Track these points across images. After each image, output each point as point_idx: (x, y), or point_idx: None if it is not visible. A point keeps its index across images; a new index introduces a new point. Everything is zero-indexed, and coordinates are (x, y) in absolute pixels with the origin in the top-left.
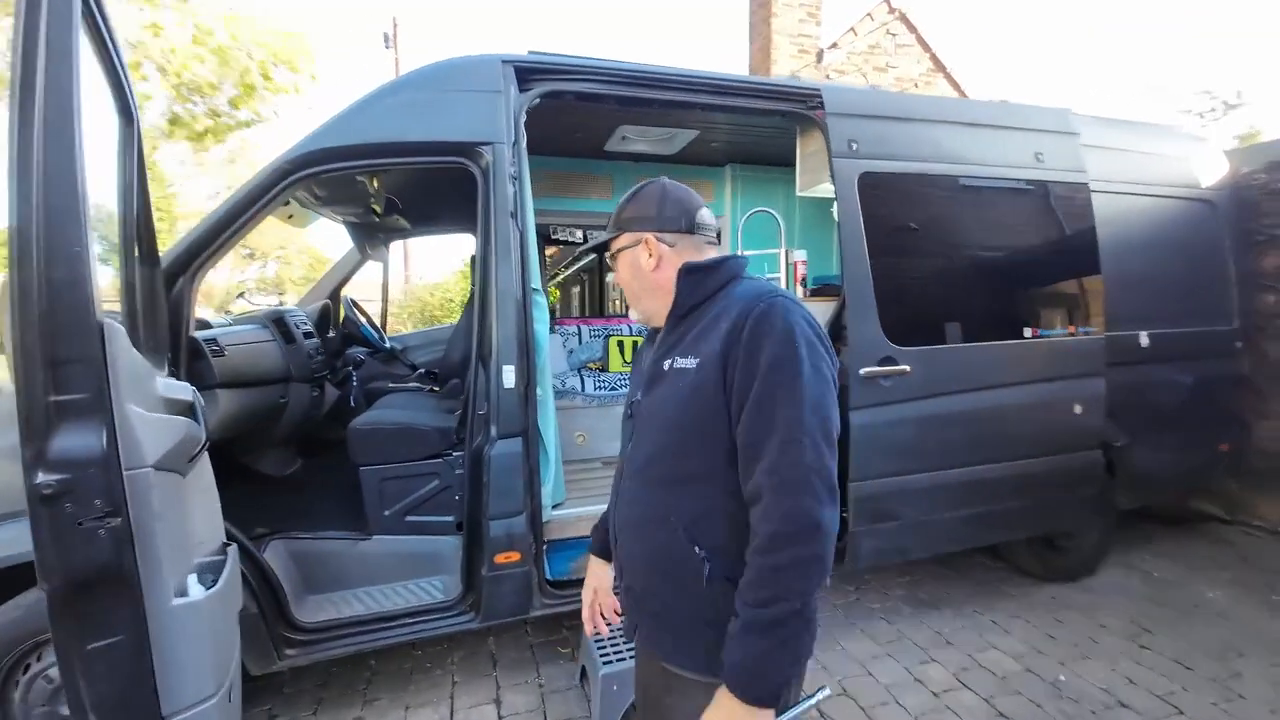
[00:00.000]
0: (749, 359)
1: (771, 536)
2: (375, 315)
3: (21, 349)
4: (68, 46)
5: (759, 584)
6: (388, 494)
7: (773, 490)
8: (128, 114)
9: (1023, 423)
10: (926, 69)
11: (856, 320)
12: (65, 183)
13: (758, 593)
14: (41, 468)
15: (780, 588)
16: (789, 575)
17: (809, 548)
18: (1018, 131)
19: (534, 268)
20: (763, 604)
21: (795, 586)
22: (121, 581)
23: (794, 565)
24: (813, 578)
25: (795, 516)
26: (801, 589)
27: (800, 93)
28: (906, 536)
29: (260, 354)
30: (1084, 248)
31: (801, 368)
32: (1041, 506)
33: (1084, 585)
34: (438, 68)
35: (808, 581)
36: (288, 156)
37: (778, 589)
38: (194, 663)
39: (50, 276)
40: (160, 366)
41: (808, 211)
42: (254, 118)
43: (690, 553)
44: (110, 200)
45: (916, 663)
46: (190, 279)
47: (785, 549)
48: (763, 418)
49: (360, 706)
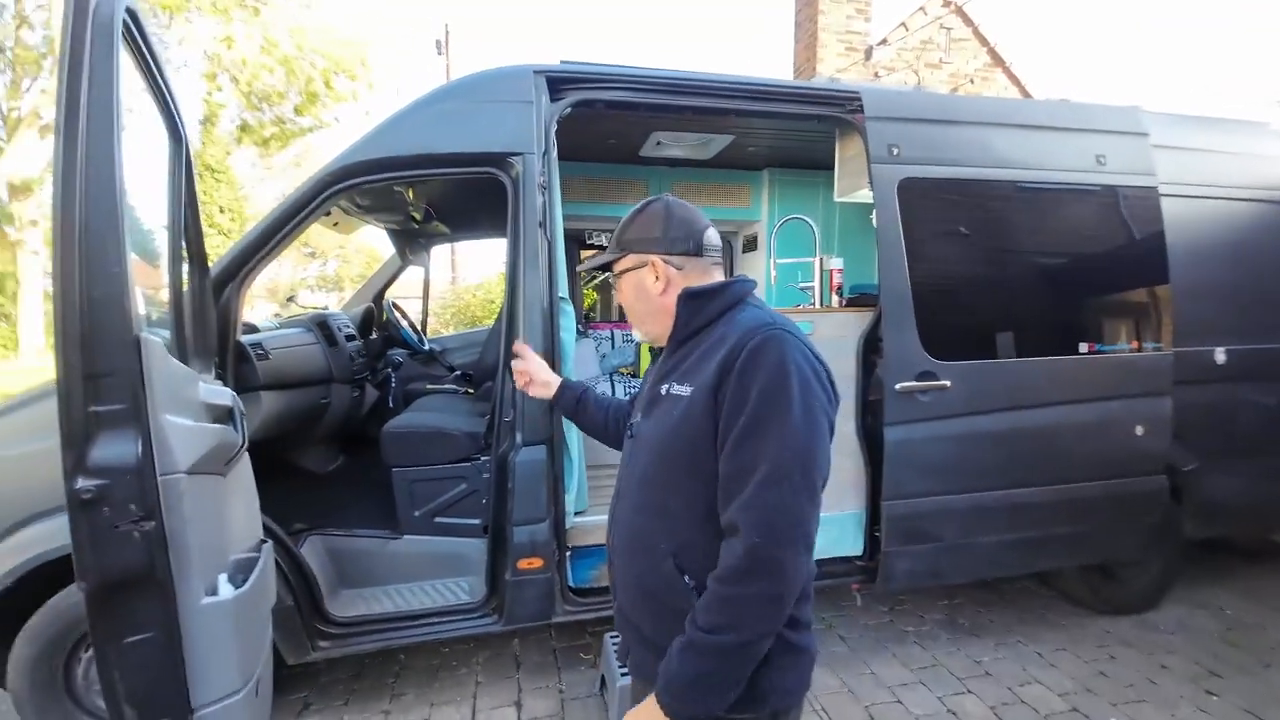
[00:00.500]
0: (739, 391)
1: (731, 569)
2: (416, 317)
3: (63, 362)
4: (109, 82)
5: (709, 609)
6: (418, 495)
7: (743, 527)
8: (176, 134)
9: (1076, 444)
10: (984, 64)
11: (893, 332)
12: (105, 206)
13: (707, 617)
14: (81, 474)
15: (728, 618)
16: (740, 608)
17: (765, 587)
18: (1077, 133)
19: (561, 277)
20: (709, 629)
21: (745, 621)
22: (154, 581)
23: (746, 601)
24: (766, 618)
25: (758, 556)
26: (751, 625)
27: (839, 96)
28: (944, 559)
29: (304, 357)
30: (1150, 256)
31: (791, 407)
32: (1096, 533)
33: (1143, 620)
34: (470, 79)
35: (759, 621)
36: (328, 169)
37: (726, 618)
38: (222, 658)
39: (91, 294)
40: (207, 371)
41: (848, 217)
42: (316, 124)
43: (679, 581)
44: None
45: (951, 693)
46: (238, 286)
47: (741, 583)
48: (744, 453)
49: (388, 700)
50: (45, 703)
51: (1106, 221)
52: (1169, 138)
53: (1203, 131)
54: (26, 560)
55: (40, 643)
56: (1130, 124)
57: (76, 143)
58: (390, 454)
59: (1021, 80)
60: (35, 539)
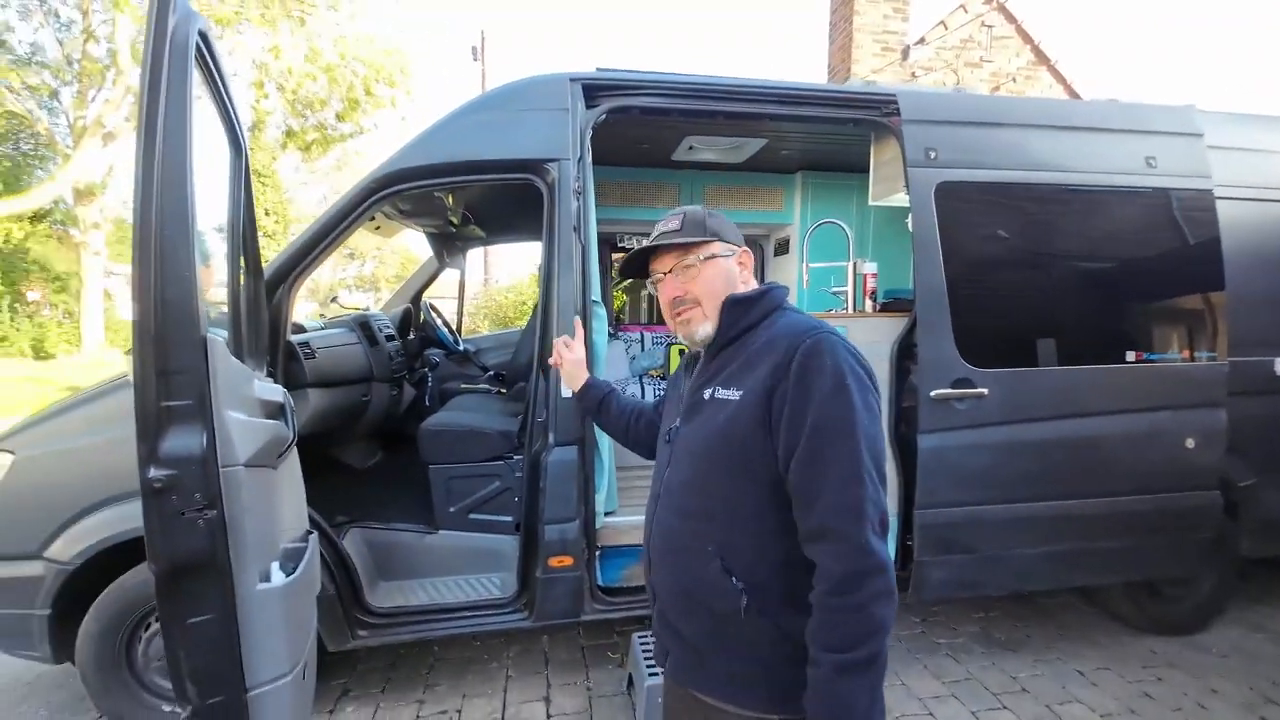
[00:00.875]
0: (799, 395)
1: (846, 576)
2: (451, 317)
3: (140, 359)
4: (184, 99)
5: (840, 625)
6: (453, 492)
7: (840, 528)
8: (237, 145)
9: (1122, 456)
10: (1027, 62)
11: (929, 338)
12: (178, 214)
13: (842, 634)
14: (153, 464)
15: (866, 625)
16: (871, 611)
17: (879, 583)
18: (1126, 134)
19: (594, 280)
20: (848, 646)
21: (878, 623)
22: (214, 566)
23: (875, 600)
24: (889, 611)
25: (866, 553)
26: (882, 624)
27: (875, 99)
28: (980, 570)
29: (347, 356)
30: (1203, 262)
31: (855, 406)
32: (1143, 549)
33: (1193, 641)
34: (509, 88)
35: (886, 617)
36: (373, 176)
37: (864, 627)
38: (273, 642)
39: (164, 297)
40: (260, 368)
41: (881, 221)
42: (356, 130)
43: (728, 584)
44: (222, 221)
45: (986, 708)
46: (289, 288)
47: (864, 586)
48: (819, 455)
49: (422, 690)
50: (108, 677)
51: (1157, 225)
52: (1226, 138)
53: (1262, 131)
54: (96, 543)
55: (106, 620)
56: (1184, 124)
57: (154, 154)
58: (428, 451)
59: (1068, 79)
60: (104, 523)
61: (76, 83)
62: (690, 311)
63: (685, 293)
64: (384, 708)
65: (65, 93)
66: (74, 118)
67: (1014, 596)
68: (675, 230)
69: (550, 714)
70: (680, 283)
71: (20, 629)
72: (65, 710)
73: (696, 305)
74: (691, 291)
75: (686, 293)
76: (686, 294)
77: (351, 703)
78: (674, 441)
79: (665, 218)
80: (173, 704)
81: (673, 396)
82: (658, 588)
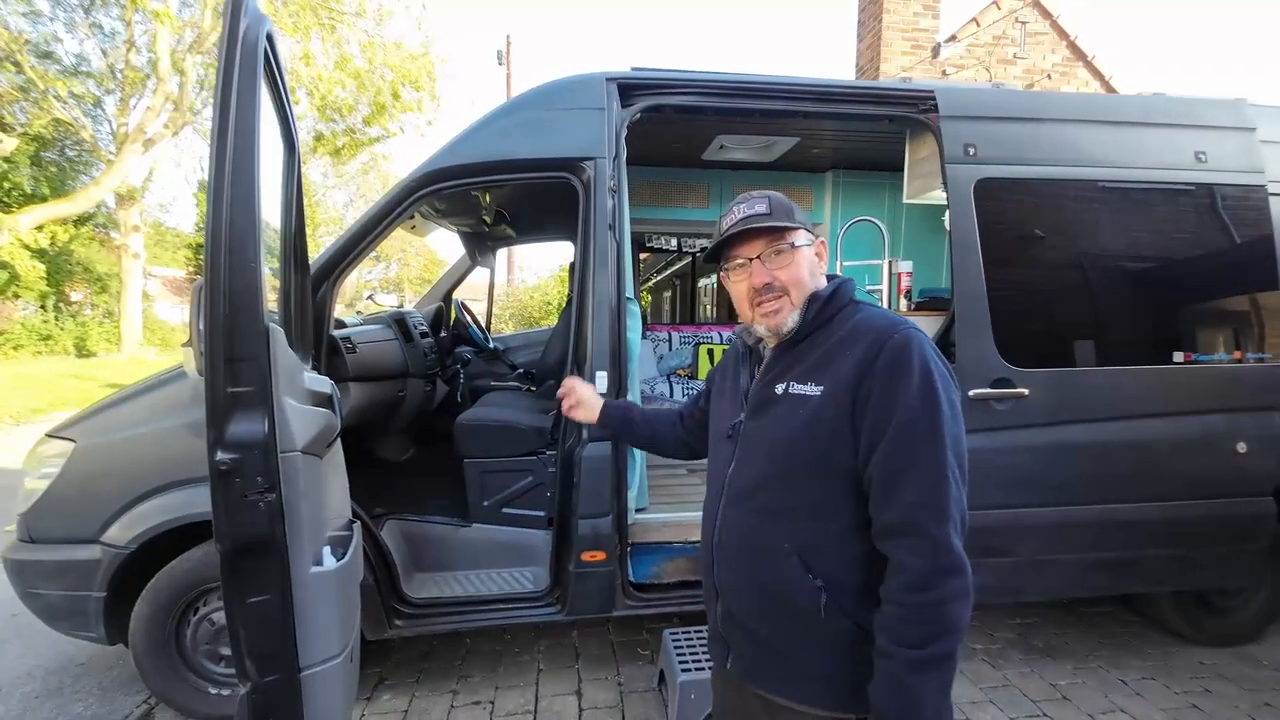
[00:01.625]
0: (887, 391)
1: (926, 573)
2: (480, 316)
3: (210, 347)
4: (253, 99)
5: (917, 621)
6: (487, 486)
7: (923, 524)
8: (291, 145)
9: (1168, 460)
10: (1063, 58)
11: (967, 338)
12: (247, 208)
13: (918, 630)
14: (220, 448)
15: (943, 623)
16: (948, 610)
17: (960, 584)
18: (1174, 128)
19: (629, 277)
20: (922, 643)
21: (954, 622)
22: (273, 548)
23: (955, 599)
24: (966, 612)
25: (948, 551)
26: (959, 623)
27: (912, 96)
28: (1020, 576)
29: (385, 351)
30: (1257, 260)
31: (941, 404)
32: (1192, 557)
33: (1245, 654)
34: (546, 88)
35: (963, 617)
36: (414, 175)
37: (938, 625)
38: (326, 624)
39: (232, 287)
40: (306, 361)
41: (914, 219)
42: (383, 134)
43: (807, 582)
44: (276, 218)
45: (1025, 715)
46: (332, 284)
47: (945, 584)
48: (905, 451)
49: (455, 681)
50: (158, 659)
51: (1206, 222)
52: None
53: None
54: (151, 527)
55: (157, 603)
56: (1234, 118)
57: (225, 152)
58: (463, 445)
59: (1105, 75)
60: (159, 509)
61: (119, 91)
62: (778, 301)
63: (775, 280)
64: (419, 697)
65: (108, 101)
66: (116, 125)
67: (1054, 603)
68: (764, 214)
69: (582, 707)
70: (771, 269)
71: (78, 610)
72: (117, 690)
73: (785, 294)
74: (781, 279)
75: (776, 280)
76: (776, 281)
77: (388, 691)
78: (739, 437)
79: (742, 200)
80: (219, 687)
81: (725, 392)
82: (724, 587)
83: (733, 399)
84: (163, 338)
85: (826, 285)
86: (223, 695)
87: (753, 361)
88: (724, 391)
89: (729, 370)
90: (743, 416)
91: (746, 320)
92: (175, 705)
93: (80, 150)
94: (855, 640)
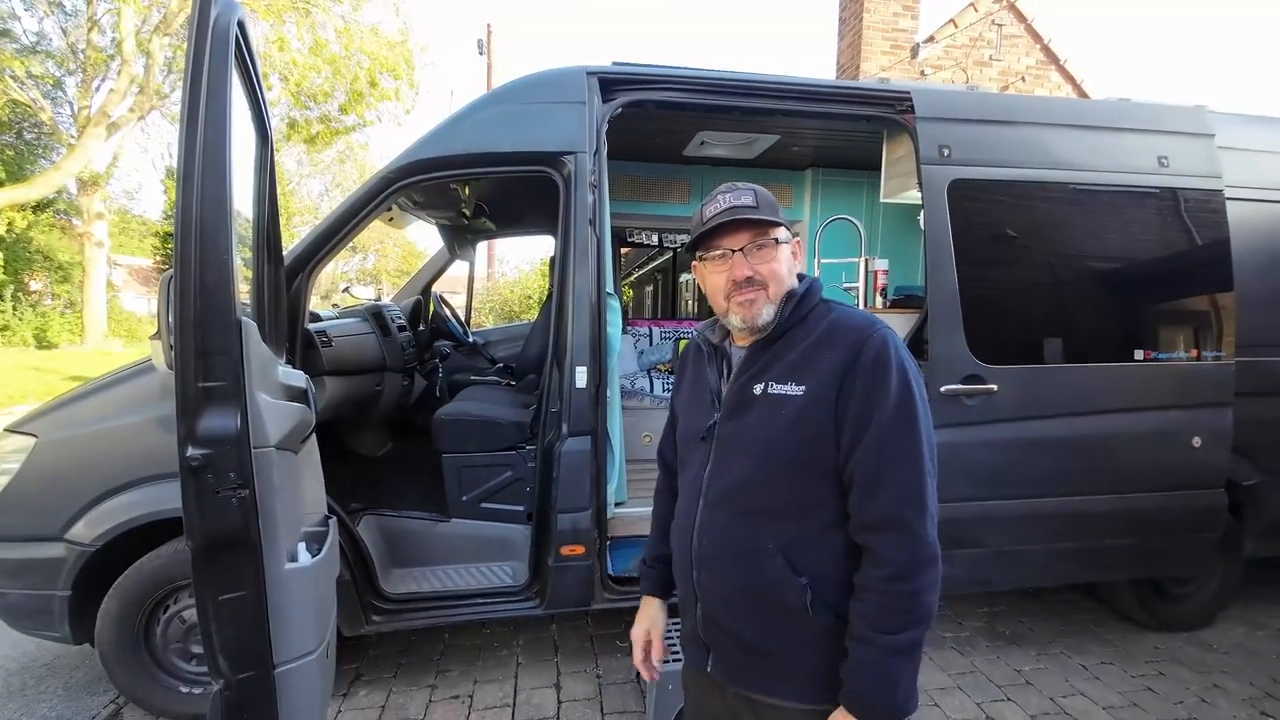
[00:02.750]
0: (869, 389)
1: (907, 564)
2: (460, 309)
3: (180, 341)
4: (224, 89)
5: (896, 610)
6: (466, 481)
7: (905, 519)
8: (264, 135)
9: (1128, 453)
10: (1036, 61)
11: (939, 335)
12: (217, 200)
13: (896, 618)
14: (191, 443)
15: (918, 613)
16: (925, 600)
17: (936, 573)
18: (1138, 133)
19: (609, 272)
20: (899, 629)
21: (928, 611)
22: (246, 544)
23: (929, 590)
24: (936, 601)
25: (925, 544)
26: (932, 611)
27: (889, 96)
28: (988, 566)
29: (361, 345)
30: (1213, 262)
31: (918, 403)
32: (1147, 547)
33: (1197, 638)
34: (526, 81)
35: (935, 606)
36: (392, 167)
37: (915, 614)
38: (300, 620)
39: (203, 280)
40: (280, 355)
41: (891, 218)
42: (359, 122)
43: (792, 580)
44: (248, 208)
45: (990, 699)
46: (307, 277)
47: (922, 576)
48: (885, 448)
49: (434, 675)
50: (127, 658)
51: (1167, 225)
52: (1236, 139)
53: (1273, 132)
54: (118, 525)
55: (125, 601)
56: (1195, 124)
57: (195, 141)
58: (441, 440)
59: (1077, 78)
60: (126, 506)
61: (80, 72)
62: (756, 293)
63: (756, 274)
64: (396, 692)
65: (69, 82)
66: (78, 107)
67: (1020, 592)
68: (751, 206)
69: (561, 700)
70: (753, 263)
71: (41, 610)
72: (83, 691)
73: (764, 289)
74: (762, 274)
75: (758, 274)
76: (757, 275)
77: (364, 687)
78: (715, 439)
79: (727, 190)
80: (190, 685)
81: (692, 392)
82: (705, 590)
83: (703, 400)
84: (129, 329)
85: (801, 284)
86: (194, 693)
87: (719, 360)
88: (690, 391)
89: (693, 370)
90: (717, 418)
91: (720, 311)
92: (145, 705)
93: (39, 133)
94: (839, 633)
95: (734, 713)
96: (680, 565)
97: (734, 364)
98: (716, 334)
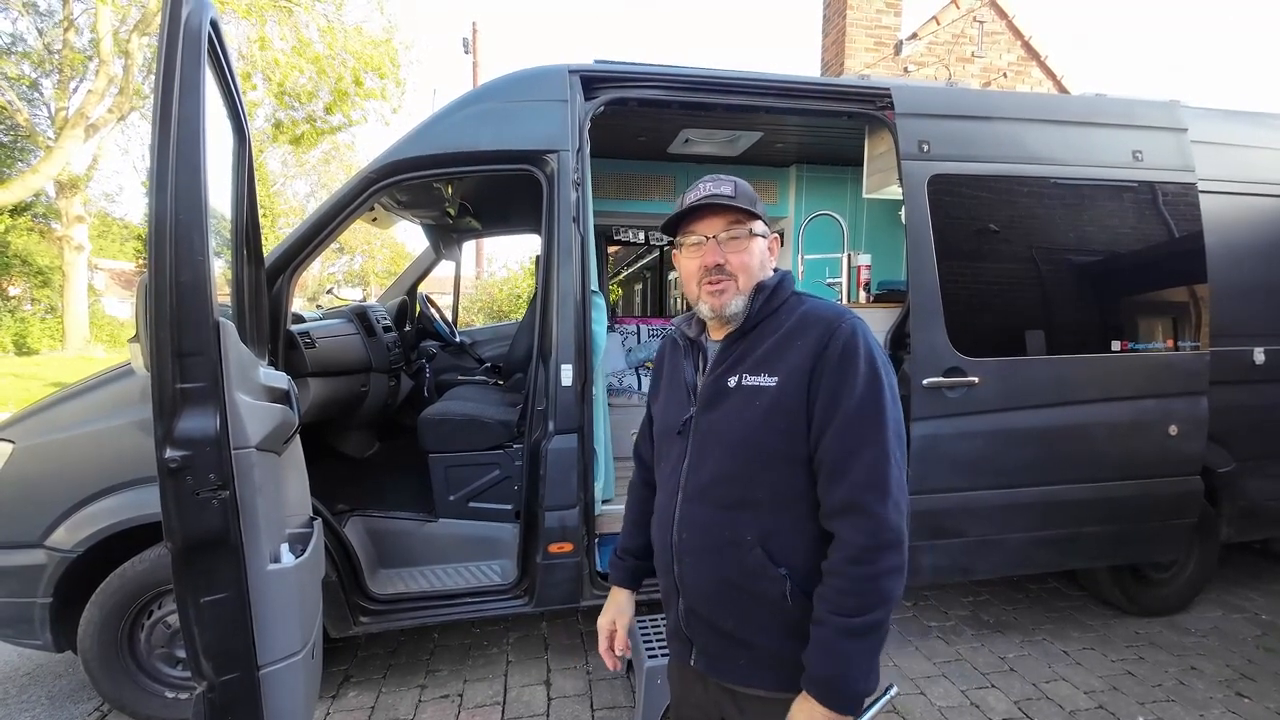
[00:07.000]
0: (838, 377)
1: (866, 548)
2: (446, 309)
3: (156, 342)
4: (197, 87)
5: (854, 593)
6: (453, 480)
7: (867, 503)
8: (241, 134)
9: (1107, 442)
10: (1017, 58)
11: (921, 328)
12: (192, 199)
13: (854, 601)
14: (169, 445)
15: (876, 596)
16: (884, 583)
17: (898, 557)
18: (1113, 128)
19: (593, 270)
20: (856, 612)
21: (887, 594)
22: (228, 546)
23: (888, 574)
24: (899, 585)
25: (888, 528)
26: (892, 594)
27: (869, 93)
28: (970, 555)
29: (346, 346)
30: (1187, 254)
31: (885, 391)
32: (1127, 533)
33: (1175, 622)
34: (508, 79)
35: (896, 589)
36: (373, 166)
37: (873, 597)
38: (285, 621)
39: (179, 280)
40: (262, 357)
41: (874, 213)
42: (345, 122)
43: (771, 571)
44: (225, 208)
45: (975, 687)
46: (289, 277)
47: (880, 559)
48: (852, 434)
49: (424, 675)
50: (111, 665)
51: (1143, 218)
52: (1209, 133)
53: (1245, 126)
54: (99, 530)
55: (108, 608)
56: (1169, 119)
57: (169, 142)
58: (428, 439)
59: (1057, 74)
60: (107, 511)
61: (57, 73)
62: (726, 283)
63: (726, 263)
64: (386, 693)
65: (46, 83)
66: (55, 109)
67: (1003, 580)
68: (729, 195)
69: (551, 696)
70: (725, 251)
71: (22, 618)
72: (66, 699)
73: (734, 279)
74: (732, 264)
75: (728, 263)
76: (727, 264)
77: (354, 688)
78: (691, 433)
79: (709, 179)
80: (175, 690)
81: (668, 386)
82: (686, 585)
83: (678, 394)
84: (111, 334)
85: (772, 276)
86: (179, 699)
87: (695, 354)
88: (666, 386)
89: (670, 364)
90: (694, 411)
91: (692, 297)
92: (129, 711)
93: (15, 135)
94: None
95: (717, 704)
96: (662, 560)
97: (709, 358)
98: (693, 328)
